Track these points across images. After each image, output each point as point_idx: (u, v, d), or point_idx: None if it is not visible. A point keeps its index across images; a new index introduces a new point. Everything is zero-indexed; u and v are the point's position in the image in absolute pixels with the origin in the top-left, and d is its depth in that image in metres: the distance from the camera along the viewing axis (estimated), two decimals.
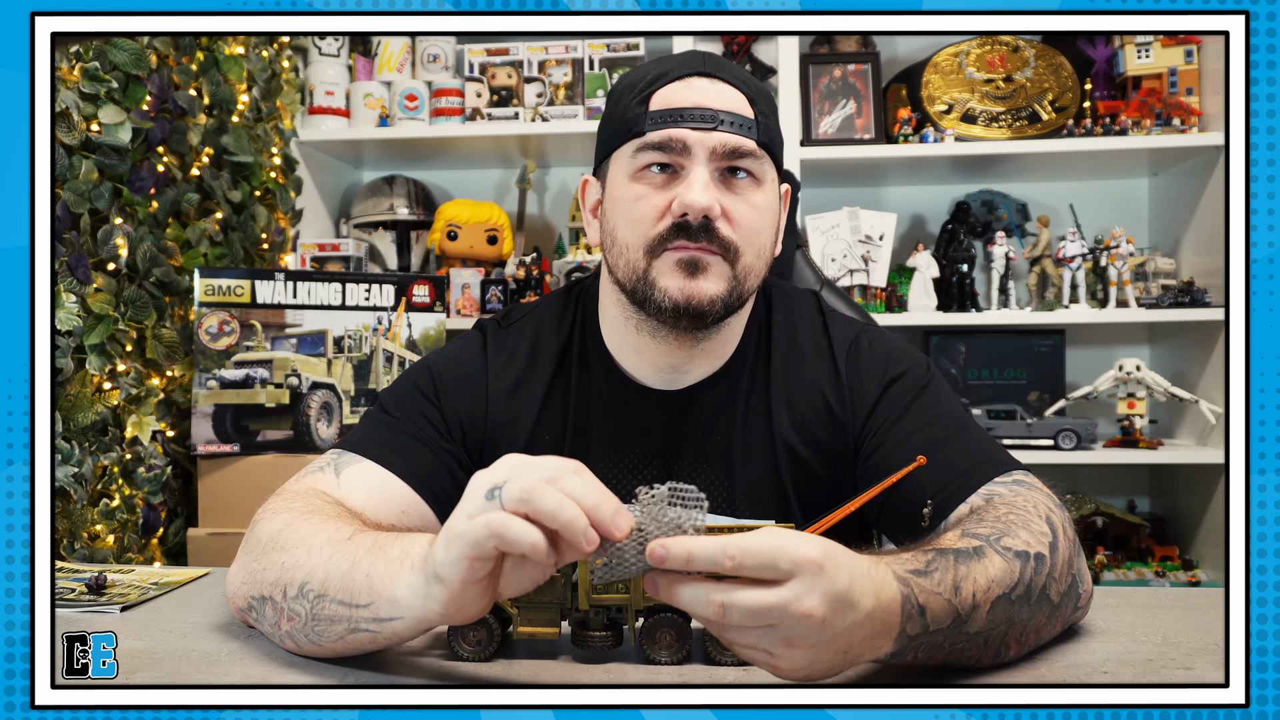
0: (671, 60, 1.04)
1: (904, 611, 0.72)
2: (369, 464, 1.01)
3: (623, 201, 1.02)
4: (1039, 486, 0.95)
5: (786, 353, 1.11)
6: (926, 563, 0.76)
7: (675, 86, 1.02)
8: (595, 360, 1.11)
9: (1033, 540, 0.83)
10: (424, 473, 1.03)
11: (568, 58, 2.64)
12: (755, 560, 0.65)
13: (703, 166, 0.99)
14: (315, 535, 0.84)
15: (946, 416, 1.05)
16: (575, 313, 1.14)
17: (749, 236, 1.01)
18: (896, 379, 1.08)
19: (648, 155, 1.00)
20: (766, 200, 1.03)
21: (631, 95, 1.03)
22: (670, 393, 1.09)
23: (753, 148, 1.00)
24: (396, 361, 2.25)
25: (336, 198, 2.92)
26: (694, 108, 1.00)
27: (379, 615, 0.76)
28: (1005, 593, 0.78)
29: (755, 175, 1.02)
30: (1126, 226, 2.66)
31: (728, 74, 1.03)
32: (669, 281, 1.00)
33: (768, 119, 1.04)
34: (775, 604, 0.65)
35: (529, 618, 0.82)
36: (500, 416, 1.10)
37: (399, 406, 1.08)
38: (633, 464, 1.10)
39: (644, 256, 1.00)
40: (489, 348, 1.13)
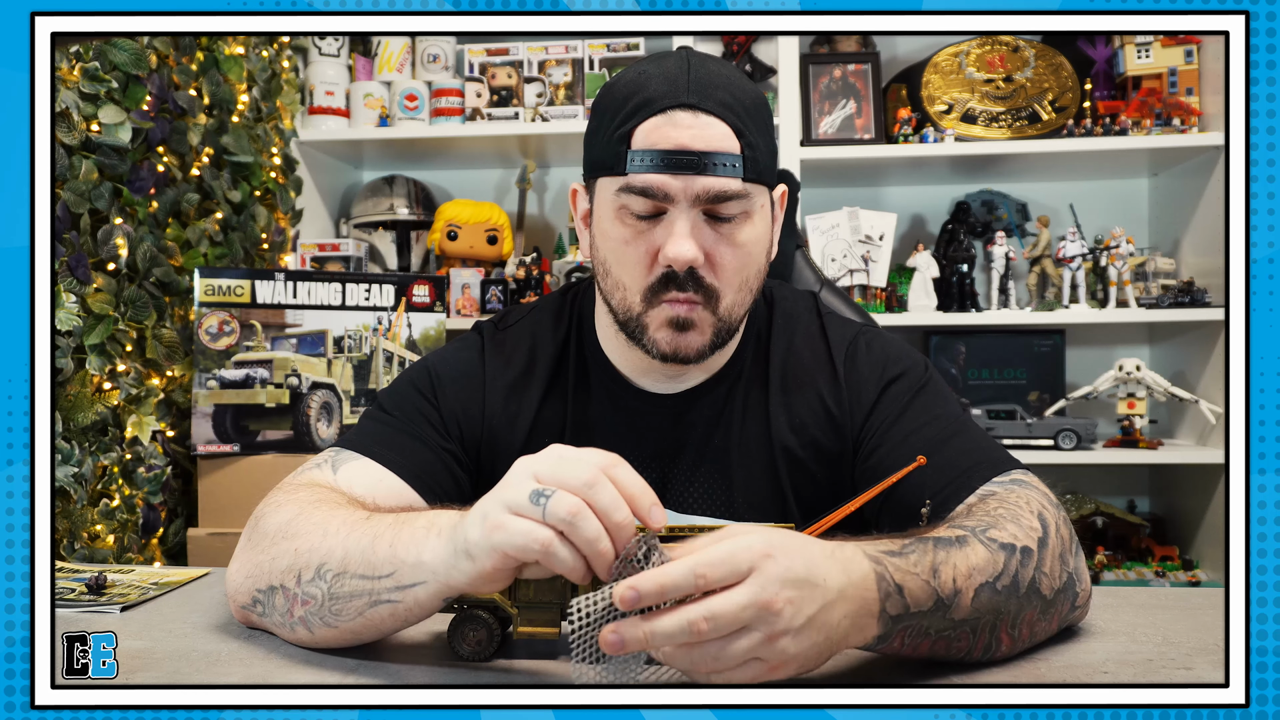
0: (655, 80, 0.98)
1: (880, 589, 0.72)
2: (366, 461, 1.02)
3: (611, 239, 1.01)
4: (1036, 485, 0.95)
5: (785, 355, 1.11)
6: (902, 545, 0.77)
7: (657, 123, 0.96)
8: (592, 363, 1.11)
9: (1020, 534, 0.83)
10: (421, 470, 1.04)
11: (568, 58, 2.64)
12: (719, 570, 0.66)
13: (685, 215, 0.96)
14: (330, 519, 0.86)
15: (945, 417, 1.05)
16: (572, 315, 1.14)
17: (731, 278, 1.00)
18: (895, 379, 1.08)
19: (630, 199, 0.98)
20: (755, 232, 1.01)
21: (614, 123, 0.99)
22: (667, 396, 1.09)
23: (739, 188, 0.97)
24: (396, 361, 2.25)
25: (336, 198, 2.92)
26: (677, 150, 0.95)
27: (402, 583, 0.78)
28: (989, 581, 0.78)
29: (743, 211, 0.99)
30: (1126, 226, 2.66)
31: (713, 102, 0.97)
32: (659, 334, 1.01)
33: (756, 147, 0.98)
34: (748, 599, 0.65)
35: (529, 618, 0.82)
36: (498, 418, 1.10)
37: (397, 406, 1.09)
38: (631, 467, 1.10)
39: (640, 303, 1.01)
40: (487, 350, 1.13)
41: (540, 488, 0.70)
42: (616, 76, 1.04)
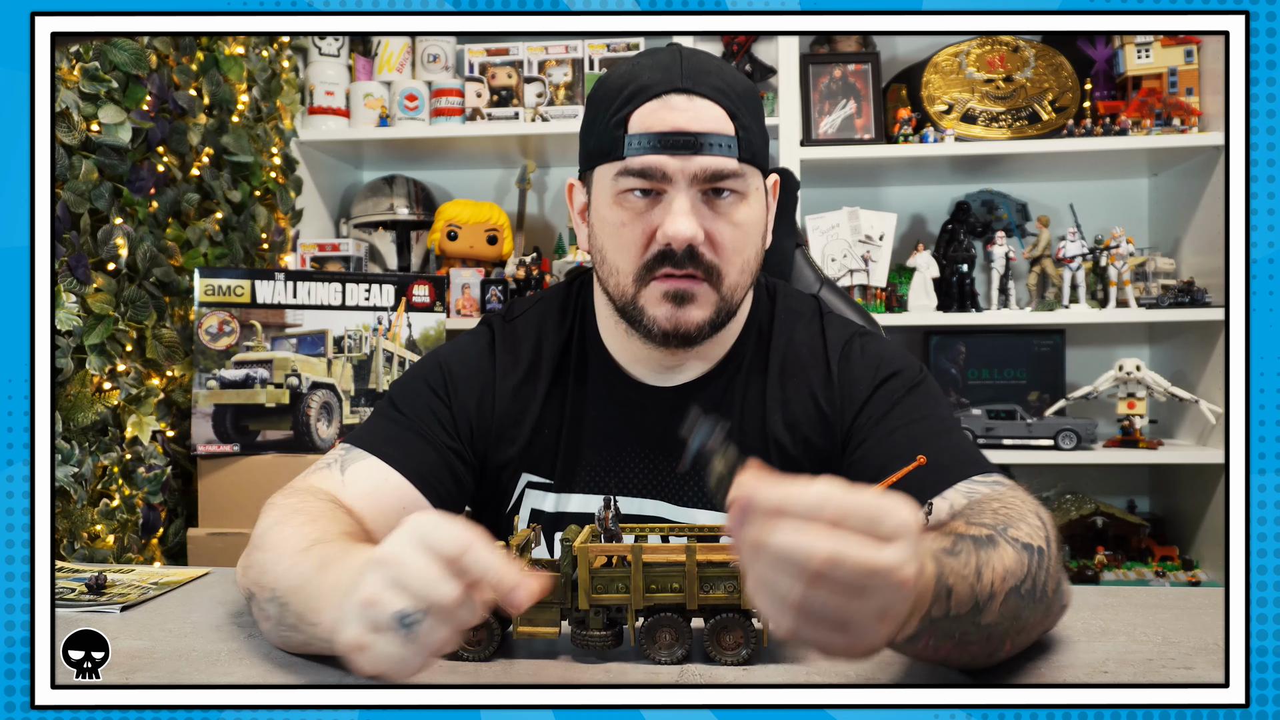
0: (648, 70, 1.01)
1: (936, 589, 0.68)
2: (374, 461, 1.04)
3: (608, 224, 1.02)
4: (1020, 489, 0.94)
5: (784, 354, 1.12)
6: (953, 543, 0.73)
7: (653, 107, 0.99)
8: (593, 356, 1.12)
9: (1033, 533, 0.82)
10: (425, 470, 1.06)
11: (568, 58, 2.64)
12: (859, 517, 0.58)
13: (684, 193, 0.98)
14: (287, 541, 0.86)
15: (934, 417, 1.05)
16: (577, 308, 1.16)
17: (731, 256, 1.01)
18: (888, 378, 1.08)
19: (628, 181, 1.00)
20: (752, 213, 1.03)
21: (610, 111, 1.01)
22: (665, 389, 1.10)
23: (735, 168, 0.99)
24: (396, 361, 2.25)
25: (336, 198, 2.92)
26: (673, 132, 0.98)
27: (326, 638, 0.74)
28: (1016, 585, 0.76)
29: (739, 191, 1.01)
30: (1126, 226, 2.66)
31: (706, 87, 1.00)
32: (657, 311, 1.01)
33: (749, 130, 1.01)
34: (883, 567, 0.57)
35: (529, 617, 0.82)
36: (506, 415, 1.11)
37: (408, 403, 1.11)
38: (626, 459, 1.10)
39: (633, 284, 1.02)
40: (497, 345, 1.14)
41: (404, 611, 0.64)
42: (610, 70, 1.06)
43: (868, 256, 2.56)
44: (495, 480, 1.13)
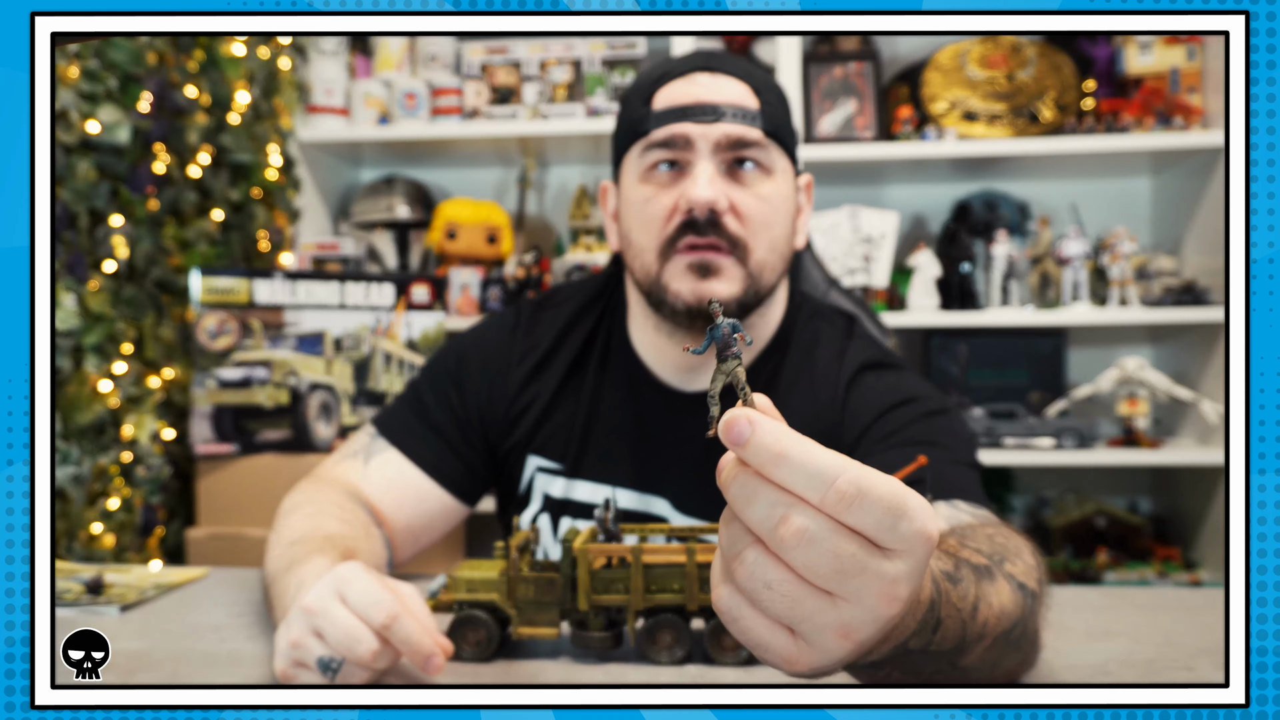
0: (676, 59, 1.05)
1: (922, 620, 0.57)
2: (394, 454, 1.10)
3: (634, 203, 1.04)
4: (1011, 528, 0.84)
5: (799, 369, 1.10)
6: (955, 566, 0.64)
7: (678, 84, 1.02)
8: (617, 351, 1.13)
9: (1028, 574, 0.75)
10: (442, 463, 1.11)
11: (568, 57, 2.64)
12: (874, 509, 0.46)
13: (707, 160, 0.99)
14: (285, 530, 0.95)
15: (943, 446, 0.98)
16: (609, 301, 1.16)
17: (758, 230, 1.01)
18: (899, 404, 1.04)
19: (654, 154, 1.02)
20: (777, 190, 1.03)
21: (637, 99, 1.04)
22: (683, 393, 1.10)
23: (758, 137, 1.00)
24: (395, 362, 2.25)
25: (336, 197, 2.92)
26: (695, 104, 1.00)
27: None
28: (1008, 630, 0.69)
29: (763, 165, 1.01)
30: (1128, 226, 2.66)
31: (731, 67, 1.04)
32: (681, 285, 1.00)
33: (774, 108, 1.03)
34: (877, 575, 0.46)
35: (529, 618, 0.82)
36: (518, 402, 1.13)
37: (430, 390, 1.15)
38: (631, 458, 1.10)
39: (656, 259, 1.02)
40: (519, 329, 1.16)
41: (327, 657, 0.74)
42: (640, 73, 1.11)
43: (868, 256, 2.56)
44: (505, 461, 1.15)
